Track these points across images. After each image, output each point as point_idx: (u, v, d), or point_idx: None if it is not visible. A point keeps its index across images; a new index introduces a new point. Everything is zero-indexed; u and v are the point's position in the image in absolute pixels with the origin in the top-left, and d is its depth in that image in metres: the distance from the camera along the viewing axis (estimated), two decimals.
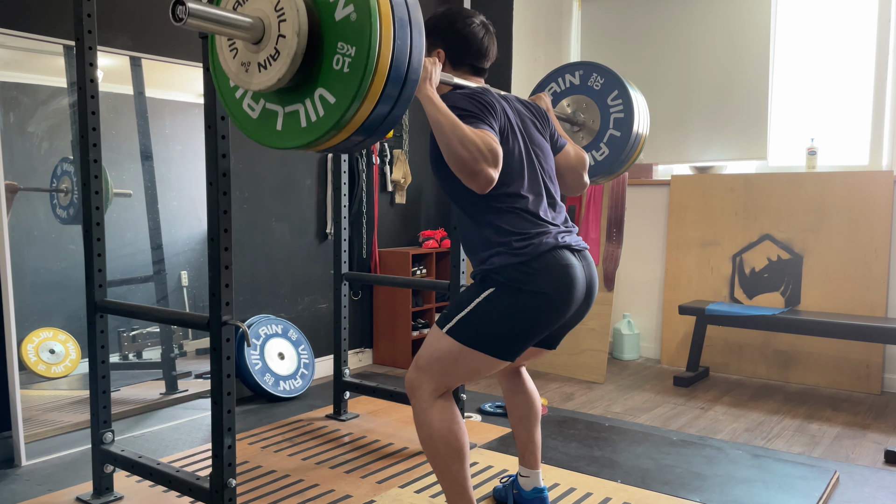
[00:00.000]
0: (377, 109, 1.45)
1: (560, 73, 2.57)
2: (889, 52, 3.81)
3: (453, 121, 1.64)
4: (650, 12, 4.56)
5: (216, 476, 1.92)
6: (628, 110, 2.45)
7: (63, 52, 2.79)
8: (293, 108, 1.51)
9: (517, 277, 1.73)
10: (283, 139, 1.54)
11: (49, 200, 2.79)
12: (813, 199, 3.88)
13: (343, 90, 1.42)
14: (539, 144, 1.94)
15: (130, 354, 3.10)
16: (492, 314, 1.75)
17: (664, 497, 2.34)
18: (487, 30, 1.99)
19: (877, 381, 3.70)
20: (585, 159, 2.11)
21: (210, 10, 1.39)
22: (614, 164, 2.52)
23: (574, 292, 1.78)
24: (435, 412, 1.81)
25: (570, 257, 1.79)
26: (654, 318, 4.46)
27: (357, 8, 1.38)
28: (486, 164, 1.62)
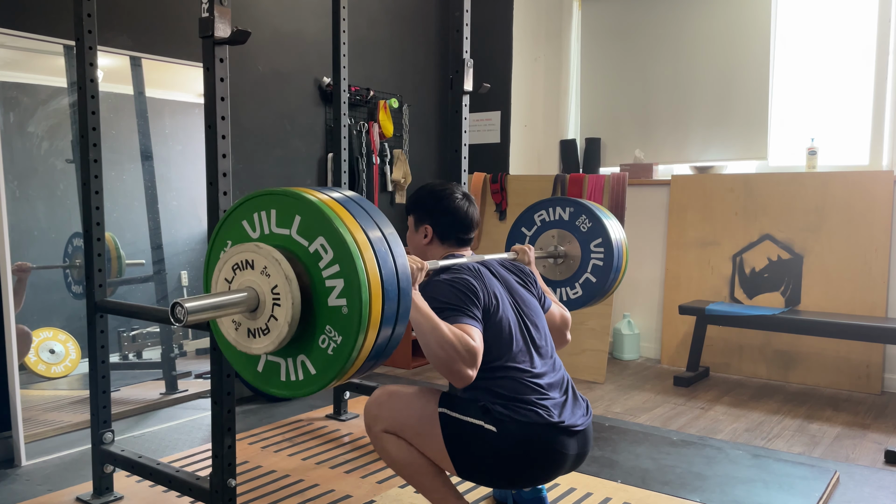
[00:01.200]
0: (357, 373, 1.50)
1: (551, 204, 2.65)
2: (889, 52, 3.81)
3: (432, 323, 1.67)
4: (650, 12, 4.55)
5: (216, 476, 1.92)
6: (608, 260, 2.52)
7: (63, 52, 2.79)
8: (275, 360, 1.55)
9: (516, 435, 1.74)
10: (263, 383, 1.58)
11: (63, 277, 2.81)
12: (813, 199, 3.88)
13: (324, 368, 1.46)
14: (528, 303, 1.98)
15: (130, 354, 3.11)
16: (484, 445, 1.76)
17: (664, 497, 2.34)
18: (470, 202, 2.06)
19: (877, 381, 3.69)
20: (568, 319, 2.17)
21: (206, 303, 1.42)
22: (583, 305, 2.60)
23: (554, 475, 1.84)
24: (390, 442, 1.83)
25: (567, 444, 1.79)
26: (655, 318, 4.46)
27: (349, 304, 1.40)
28: (462, 364, 1.67)
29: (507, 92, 4.67)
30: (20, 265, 2.61)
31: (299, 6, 3.74)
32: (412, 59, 4.46)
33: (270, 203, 1.51)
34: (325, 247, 1.43)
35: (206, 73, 1.81)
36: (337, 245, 1.42)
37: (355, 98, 3.98)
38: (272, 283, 1.45)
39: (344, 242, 1.40)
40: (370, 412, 1.86)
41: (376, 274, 1.42)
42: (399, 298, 1.47)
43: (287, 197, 1.49)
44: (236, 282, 1.51)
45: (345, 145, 3.11)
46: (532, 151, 4.93)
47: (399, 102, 4.27)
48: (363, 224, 1.46)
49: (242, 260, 1.50)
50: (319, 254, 1.44)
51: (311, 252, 1.46)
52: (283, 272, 1.43)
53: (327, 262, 1.43)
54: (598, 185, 4.08)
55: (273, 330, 1.47)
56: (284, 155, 3.69)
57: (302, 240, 1.47)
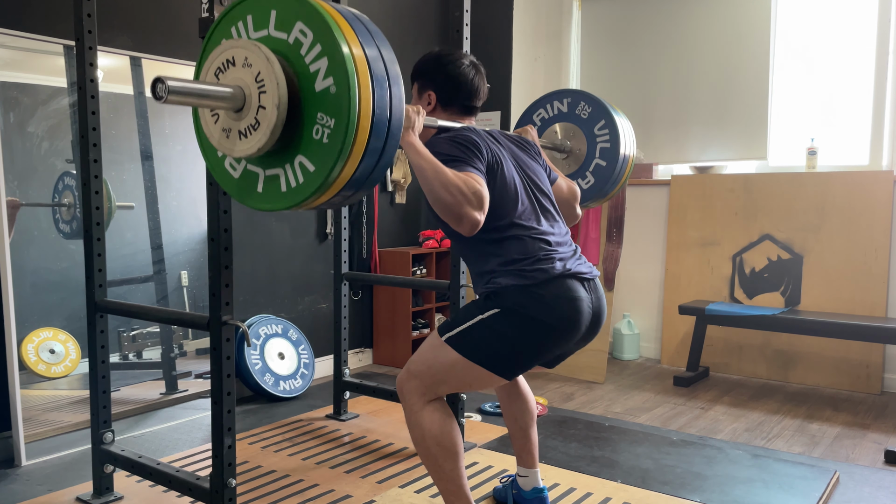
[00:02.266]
0: (358, 172, 1.46)
1: (549, 100, 2.59)
2: (889, 52, 3.81)
3: (436, 166, 1.64)
4: (650, 12, 4.55)
5: (216, 476, 1.92)
6: (614, 140, 2.48)
7: (63, 52, 2.79)
8: (273, 171, 1.53)
9: (523, 302, 1.72)
10: (264, 201, 1.56)
11: (52, 215, 2.79)
12: (813, 199, 3.88)
13: (322, 159, 1.43)
14: (534, 169, 1.95)
15: (130, 354, 3.11)
16: (494, 334, 1.74)
17: (664, 497, 2.34)
18: (477, 70, 2.00)
19: (877, 381, 3.69)
20: (577, 191, 2.12)
21: (189, 86, 1.40)
22: (603, 190, 2.55)
23: (579, 325, 1.77)
24: (426, 414, 1.81)
25: (578, 289, 1.77)
26: (654, 318, 4.46)
27: (336, 81, 1.38)
28: (470, 207, 1.63)
29: (507, 92, 4.67)
30: (11, 201, 2.61)
31: None
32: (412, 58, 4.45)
33: (245, 10, 1.51)
34: (303, 31, 1.42)
35: None
36: (315, 24, 1.40)
37: None
38: (255, 72, 1.43)
39: (322, 19, 1.39)
40: (403, 388, 1.84)
41: (358, 47, 1.40)
42: (389, 84, 1.44)
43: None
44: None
45: None
46: None
47: None
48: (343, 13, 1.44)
49: (223, 61, 1.48)
50: (299, 41, 1.43)
51: (292, 42, 1.44)
52: (264, 55, 1.40)
53: (308, 45, 1.42)
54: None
55: (263, 121, 1.44)
56: None
57: (280, 34, 1.46)
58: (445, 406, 1.85)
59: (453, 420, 1.84)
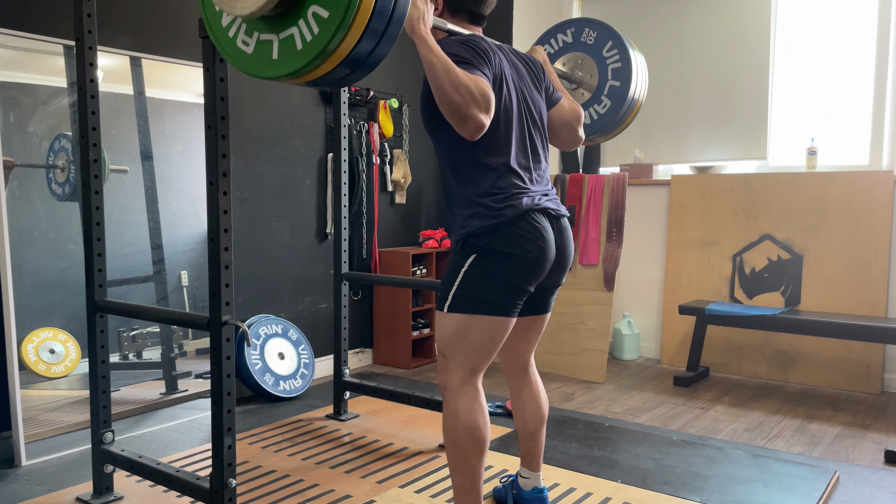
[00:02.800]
0: (362, 42, 1.47)
1: (552, 34, 2.55)
2: (889, 52, 3.81)
3: (447, 63, 1.63)
4: (650, 12, 4.56)
5: (216, 476, 1.92)
6: (625, 59, 2.43)
7: (63, 52, 2.79)
8: (288, 32, 1.54)
9: (494, 241, 1.78)
10: (279, 67, 1.55)
11: (45, 176, 2.77)
12: (813, 199, 3.88)
13: (337, 5, 1.44)
14: (533, 98, 1.93)
15: (130, 354, 3.11)
16: (479, 278, 1.79)
17: (664, 497, 2.34)
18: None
19: (877, 381, 3.70)
20: (580, 113, 2.10)
21: None
22: (613, 121, 2.48)
23: (547, 253, 1.83)
24: (463, 401, 1.82)
25: (542, 220, 1.82)
26: (654, 318, 4.46)
27: None
28: (477, 108, 1.62)
29: None
30: (5, 161, 2.60)
31: None
32: (412, 59, 4.46)
33: None
34: None
35: (206, 73, 1.81)
36: None
37: (355, 98, 3.98)
38: None
39: None
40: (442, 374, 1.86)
41: None
42: None
43: None
44: None
45: (345, 145, 3.11)
46: None
47: (399, 102, 4.27)
48: None
49: None
50: None
51: None
52: None
53: None
54: (598, 185, 4.08)
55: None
56: (284, 155, 3.69)
57: None
58: (482, 399, 1.86)
59: (487, 416, 1.85)
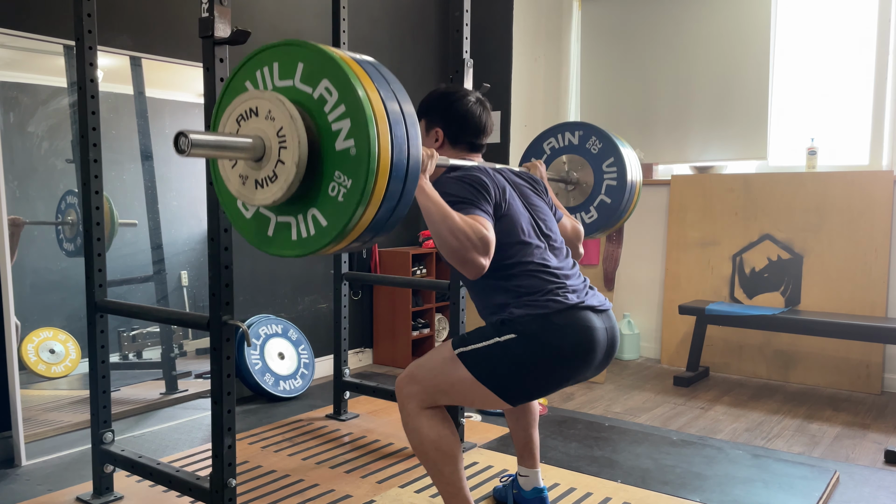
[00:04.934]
0: (370, 228, 1.47)
1: (560, 130, 2.62)
2: (889, 52, 3.81)
3: (444, 210, 1.64)
4: (650, 12, 4.55)
5: (216, 476, 1.92)
6: (621, 178, 2.50)
7: (63, 52, 2.79)
8: (285, 219, 1.53)
9: (538, 330, 1.71)
10: (274, 246, 1.56)
11: (55, 234, 2.80)
12: (813, 199, 3.88)
13: (336, 216, 1.44)
14: (539, 207, 1.96)
15: (130, 354, 3.11)
16: (510, 358, 1.72)
17: (664, 497, 2.34)
18: (484, 106, 2.01)
19: (877, 381, 3.69)
20: (580, 231, 2.14)
21: (211, 138, 1.40)
22: (605, 225, 2.57)
23: (595, 354, 1.77)
24: (423, 419, 1.81)
25: (593, 319, 1.77)
26: (654, 318, 4.46)
27: (357, 144, 1.38)
28: (476, 252, 1.63)
29: (507, 92, 4.67)
30: (13, 219, 2.61)
31: (299, 6, 3.74)
32: (412, 59, 4.46)
33: (272, 57, 1.50)
34: (329, 89, 1.41)
35: (206, 73, 1.81)
36: (341, 85, 1.39)
37: None
38: (277, 126, 1.43)
39: (348, 82, 1.38)
40: (402, 391, 1.84)
41: (383, 113, 1.39)
42: (409, 144, 1.43)
43: (288, 46, 1.47)
44: (241, 132, 1.49)
45: None
46: None
47: None
48: (365, 67, 1.44)
49: (246, 109, 1.47)
50: (324, 97, 1.42)
51: (316, 98, 1.43)
52: (288, 111, 1.40)
53: (332, 104, 1.41)
54: None
55: (281, 175, 1.44)
56: None
57: (305, 87, 1.45)
58: (443, 410, 1.84)
59: (451, 424, 1.84)
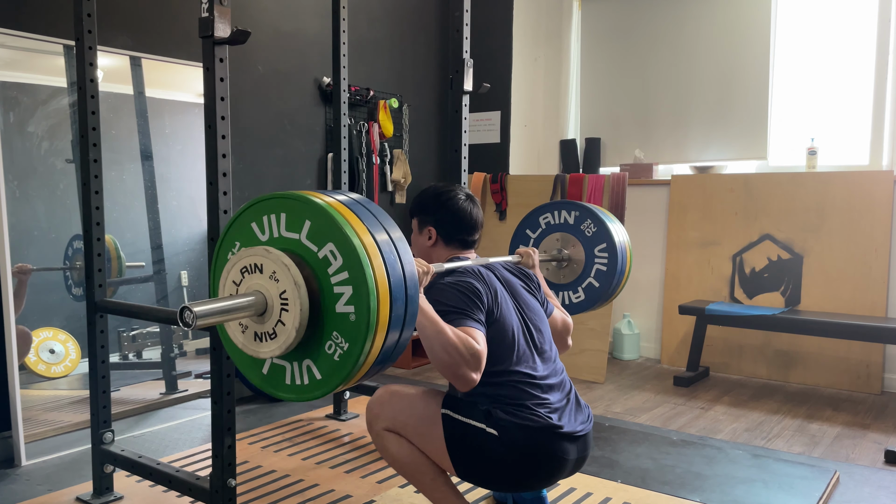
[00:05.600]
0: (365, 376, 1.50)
1: (556, 207, 2.65)
2: (889, 52, 3.81)
3: (437, 326, 1.67)
4: (650, 12, 4.55)
5: (216, 476, 1.92)
6: (612, 266, 2.52)
7: (63, 51, 2.79)
8: (280, 363, 1.55)
9: (517, 445, 1.75)
10: (268, 384, 1.58)
11: (63, 280, 2.80)
12: (813, 199, 3.88)
13: (330, 373, 1.46)
14: (531, 307, 1.98)
15: (130, 354, 3.11)
16: (484, 448, 1.76)
17: (664, 497, 2.34)
18: (474, 203, 2.04)
19: (877, 381, 3.69)
20: (570, 325, 2.17)
21: (215, 307, 1.41)
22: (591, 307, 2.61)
23: (562, 475, 1.84)
24: (391, 437, 1.85)
25: (568, 449, 1.79)
26: (654, 318, 4.46)
27: (357, 312, 1.40)
28: (467, 367, 1.66)
29: (507, 92, 4.67)
30: (21, 267, 2.61)
31: (299, 6, 3.74)
32: (412, 59, 4.46)
33: (280, 207, 1.51)
34: (334, 253, 1.43)
35: (206, 73, 1.81)
36: (347, 252, 1.41)
37: (355, 98, 3.98)
38: (281, 288, 1.45)
39: (354, 250, 1.40)
40: (372, 411, 1.87)
41: (384, 280, 1.42)
42: (406, 304, 1.47)
43: (297, 201, 1.49)
44: (244, 285, 1.50)
45: (345, 145, 3.11)
46: (532, 151, 4.93)
47: (399, 102, 4.27)
48: (371, 228, 1.46)
49: (251, 263, 1.49)
50: (329, 260, 1.44)
51: (321, 258, 1.45)
52: (293, 278, 1.42)
53: (336, 268, 1.43)
54: (598, 185, 4.08)
55: (280, 335, 1.46)
56: (284, 155, 3.69)
57: (311, 245, 1.47)
58: None
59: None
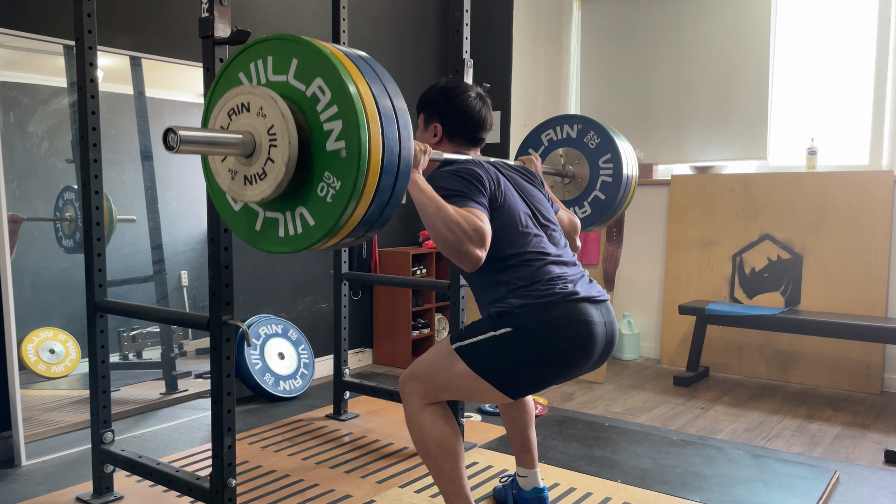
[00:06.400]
0: (360, 225, 1.46)
1: (559, 122, 2.61)
2: (889, 52, 3.81)
3: (437, 203, 1.64)
4: (650, 12, 4.55)
5: (216, 476, 1.92)
6: (617, 175, 2.50)
7: (63, 51, 2.79)
8: (273, 215, 1.53)
9: (535, 324, 1.70)
10: (262, 241, 1.56)
11: (53, 231, 2.79)
12: (813, 199, 3.88)
13: (324, 216, 1.43)
14: (537, 197, 1.96)
15: (130, 354, 3.11)
16: (504, 352, 1.72)
17: (664, 497, 2.34)
18: (484, 101, 2.00)
19: (877, 381, 3.69)
20: (577, 225, 2.14)
21: (200, 135, 1.39)
22: (599, 221, 2.58)
23: (593, 349, 1.75)
24: (425, 415, 1.81)
25: (591, 311, 1.74)
26: (654, 318, 4.46)
27: (348, 146, 1.38)
28: (471, 244, 1.63)
29: (507, 92, 4.67)
30: (12, 216, 2.61)
31: (299, 6, 3.74)
32: (412, 59, 4.46)
33: (267, 50, 1.49)
34: (322, 88, 1.40)
35: (206, 73, 1.81)
36: (334, 85, 1.38)
37: None
38: (268, 124, 1.42)
39: (342, 82, 1.37)
40: (404, 388, 1.85)
41: (374, 113, 1.39)
42: (400, 144, 1.43)
43: (284, 41, 1.47)
44: (232, 127, 1.49)
45: None
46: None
47: None
48: (362, 70, 1.43)
49: (238, 104, 1.47)
50: (317, 96, 1.41)
51: (309, 96, 1.43)
52: (280, 110, 1.40)
53: (325, 104, 1.40)
54: None
55: (270, 173, 1.43)
56: None
57: (299, 84, 1.44)
58: (446, 408, 1.85)
59: (453, 421, 1.84)
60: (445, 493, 1.85)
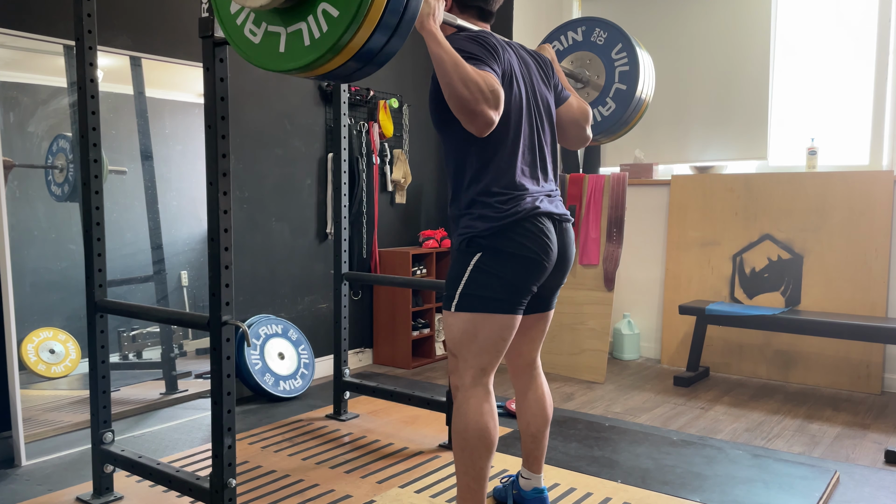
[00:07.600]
0: (375, 36, 1.47)
1: (562, 31, 2.54)
2: (889, 52, 3.81)
3: (456, 59, 1.63)
4: (650, 12, 4.55)
5: (216, 476, 1.92)
6: (633, 62, 2.43)
7: (63, 51, 2.79)
8: (296, 27, 1.54)
9: (499, 242, 1.80)
10: (285, 61, 1.56)
11: (44, 177, 2.77)
12: (813, 199, 3.88)
13: (346, 3, 1.44)
14: (542, 94, 1.95)
15: (130, 354, 3.11)
16: (484, 276, 1.80)
17: (664, 497, 2.34)
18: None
19: (877, 381, 3.69)
20: (588, 112, 2.11)
21: None
22: (618, 122, 2.50)
23: (549, 256, 1.85)
24: (473, 402, 1.83)
25: (546, 223, 1.83)
26: (655, 318, 4.46)
27: None
28: (486, 104, 1.62)
29: None
30: (4, 161, 2.60)
31: None
32: (412, 59, 4.46)
33: None
34: None
35: (206, 73, 1.81)
36: None
37: (355, 98, 3.98)
38: None
39: None
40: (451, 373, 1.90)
41: None
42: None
43: None
44: None
45: (345, 145, 3.11)
46: None
47: (399, 102, 4.27)
48: None
49: None
50: None
51: None
52: None
53: None
54: (598, 184, 4.08)
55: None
56: (284, 155, 3.69)
57: None
58: (492, 401, 1.87)
59: (496, 418, 1.86)
60: (465, 489, 1.85)
